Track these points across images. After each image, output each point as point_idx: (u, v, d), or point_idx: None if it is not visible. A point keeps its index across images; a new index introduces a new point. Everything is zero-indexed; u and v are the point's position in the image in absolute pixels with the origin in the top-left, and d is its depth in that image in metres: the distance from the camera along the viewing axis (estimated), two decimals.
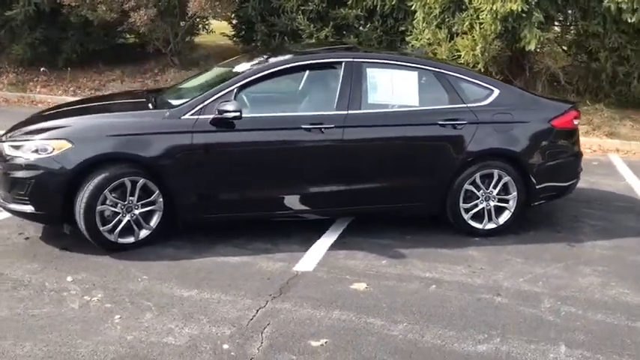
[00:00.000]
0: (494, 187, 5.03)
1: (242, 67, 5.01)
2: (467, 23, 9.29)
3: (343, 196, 4.83)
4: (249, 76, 4.67)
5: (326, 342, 3.42)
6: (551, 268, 4.55)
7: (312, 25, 10.70)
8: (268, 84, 4.75)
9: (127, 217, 4.50)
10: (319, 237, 4.94)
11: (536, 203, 5.23)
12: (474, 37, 9.15)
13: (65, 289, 3.96)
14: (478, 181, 4.99)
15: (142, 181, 4.47)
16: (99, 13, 10.72)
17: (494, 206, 5.07)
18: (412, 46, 9.99)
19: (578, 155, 5.36)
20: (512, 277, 4.37)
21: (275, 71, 4.75)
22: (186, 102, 4.61)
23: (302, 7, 10.70)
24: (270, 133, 4.62)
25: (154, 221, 4.59)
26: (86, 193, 4.33)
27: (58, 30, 11.94)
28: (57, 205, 4.42)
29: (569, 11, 9.11)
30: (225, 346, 3.35)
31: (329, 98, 4.78)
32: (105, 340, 3.38)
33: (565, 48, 9.87)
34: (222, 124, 4.50)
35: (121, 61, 12.76)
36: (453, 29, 9.51)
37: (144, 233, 4.58)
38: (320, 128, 4.65)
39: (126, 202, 4.47)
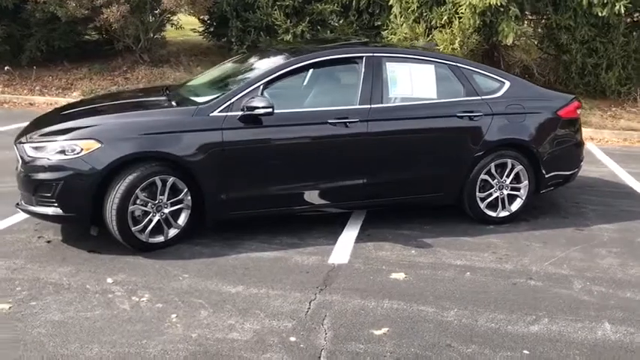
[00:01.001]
0: (507, 176, 5.22)
1: (260, 64, 5.03)
2: (445, 17, 9.50)
3: (366, 189, 4.92)
4: (274, 73, 4.69)
5: (387, 330, 3.51)
6: (569, 251, 4.77)
7: (288, 21, 10.71)
8: (291, 80, 4.77)
9: (157, 217, 4.46)
10: (342, 230, 5.02)
11: (544, 190, 5.46)
12: (452, 30, 9.38)
13: (109, 290, 3.91)
14: (493, 170, 5.17)
15: (171, 179, 4.44)
16: (68, 10, 10.40)
17: (507, 194, 5.26)
18: (389, 40, 10.14)
19: (581, 144, 5.62)
20: (538, 261, 4.56)
21: (299, 67, 4.78)
22: (214, 99, 4.59)
23: (278, 3, 10.69)
24: (298, 129, 4.66)
25: (182, 220, 4.57)
26: (118, 193, 4.27)
27: (21, 27, 11.51)
28: (86, 207, 4.34)
29: (542, 5, 9.43)
30: (292, 339, 3.40)
31: (351, 93, 4.86)
32: (170, 339, 3.37)
33: (536, 42, 10.21)
34: (252, 120, 4.51)
35: (87, 59, 12.42)
36: (432, 23, 9.70)
37: (173, 232, 4.55)
38: (345, 122, 4.72)
39: (156, 202, 4.43)
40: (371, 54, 4.96)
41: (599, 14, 8.95)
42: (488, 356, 3.30)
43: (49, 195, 4.32)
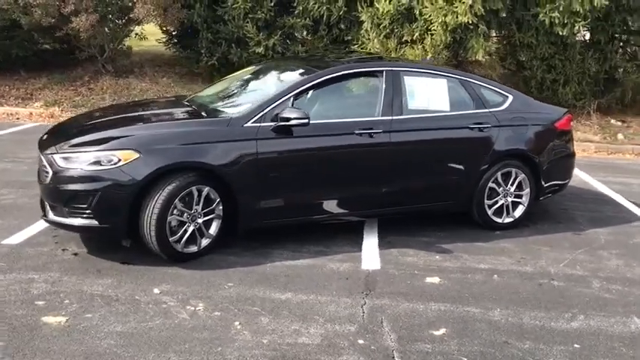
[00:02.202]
0: (512, 184, 5.55)
1: (284, 75, 5.14)
2: (417, 34, 9.88)
3: (386, 198, 5.12)
4: (304, 84, 4.83)
5: (446, 331, 3.70)
6: (576, 254, 5.13)
7: (260, 33, 10.81)
8: (318, 91, 4.91)
9: (192, 227, 4.49)
10: (362, 238, 5.18)
11: (542, 198, 5.82)
12: (424, 46, 9.77)
13: (160, 301, 3.91)
14: (499, 179, 5.48)
15: (206, 189, 4.48)
16: (33, 17, 10.10)
17: (511, 202, 5.58)
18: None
19: (573, 155, 6.03)
20: (553, 263, 4.88)
21: (327, 79, 4.93)
22: (245, 110, 4.67)
23: (250, 15, 10.77)
24: (328, 139, 4.80)
25: (214, 229, 4.61)
26: (157, 203, 4.27)
27: None
28: (123, 218, 4.31)
29: (506, 24, 9.97)
30: (361, 341, 3.53)
31: (373, 104, 5.05)
32: (243, 345, 3.43)
33: (498, 58, 10.76)
34: (285, 130, 4.62)
35: (45, 68, 12.06)
36: (402, 39, 10.06)
37: (205, 242, 4.58)
38: (370, 133, 4.90)
39: (192, 212, 4.46)
40: (390, 68, 5.17)
41: (560, 33, 9.55)
42: (545, 351, 3.54)
43: (84, 206, 4.27)
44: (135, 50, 13.13)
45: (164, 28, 12.35)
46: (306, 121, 4.54)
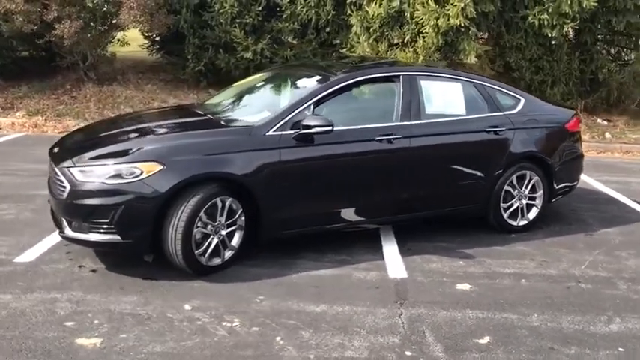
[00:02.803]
0: (526, 187, 5.56)
1: (300, 82, 5.05)
2: (408, 37, 9.89)
3: (407, 204, 5.07)
4: (323, 91, 4.74)
5: (490, 339, 3.66)
6: (594, 255, 5.15)
7: (249, 38, 10.68)
8: (337, 98, 4.83)
9: (216, 239, 4.37)
10: (380, 245, 5.12)
11: (553, 200, 5.85)
12: (415, 49, 9.78)
13: (193, 317, 3.78)
14: (514, 182, 5.48)
15: (229, 200, 4.37)
16: (15, 24, 9.81)
17: (526, 204, 5.59)
18: None
19: (582, 156, 6.07)
20: (575, 265, 4.90)
21: (345, 85, 4.86)
22: (266, 118, 4.57)
23: (237, 20, 10.64)
24: (350, 146, 4.73)
25: (236, 241, 4.50)
26: (183, 216, 4.14)
27: None
28: (147, 232, 4.17)
29: (496, 27, 10.05)
30: (408, 353, 3.46)
31: (392, 110, 4.99)
32: None
33: (487, 61, 10.82)
34: (307, 138, 4.53)
35: (24, 77, 11.73)
36: (394, 42, 10.05)
37: (228, 254, 4.48)
38: (390, 139, 4.85)
39: (216, 223, 4.34)
40: (407, 72, 5.13)
41: (549, 35, 9.66)
42: (592, 356, 3.53)
43: (105, 221, 4.12)
44: (120, 58, 12.86)
45: (146, 34, 12.13)
46: (330, 128, 4.46)
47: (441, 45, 9.64)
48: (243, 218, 4.49)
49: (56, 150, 4.63)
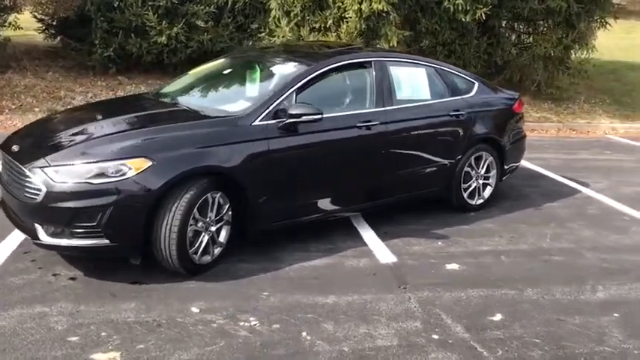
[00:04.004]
0: (482, 167, 5.81)
1: (276, 68, 4.92)
2: (330, 21, 9.90)
3: (383, 189, 5.12)
4: (303, 78, 4.64)
5: (501, 316, 3.81)
6: (552, 228, 5.50)
7: (163, 22, 10.19)
8: (316, 85, 4.75)
9: (207, 236, 4.18)
10: (355, 231, 5.13)
11: (503, 179, 6.16)
12: (338, 34, 9.81)
13: (206, 320, 3.60)
14: (473, 163, 5.71)
15: (218, 194, 4.19)
16: None
17: (482, 184, 5.85)
18: (273, 42, 10.24)
19: (525, 136, 6.43)
20: (540, 239, 5.21)
21: (323, 72, 4.78)
22: (250, 108, 4.40)
23: (149, 2, 10.10)
24: (335, 133, 4.68)
25: (224, 236, 4.33)
26: (177, 214, 3.91)
27: None
28: (138, 234, 3.90)
29: (412, 13, 10.30)
30: (435, 337, 3.52)
31: (366, 96, 5.00)
32: (329, 357, 3.27)
33: (405, 46, 11.08)
34: (295, 127, 4.43)
35: None
36: (316, 26, 10.02)
37: (217, 250, 4.30)
38: (369, 125, 4.86)
39: (207, 219, 4.15)
40: (378, 58, 5.15)
41: (463, 20, 10.08)
42: (596, 323, 3.78)
43: (92, 224, 3.79)
44: (13, 42, 11.76)
45: (39, 17, 11.21)
46: (320, 117, 4.39)
47: (363, 30, 9.72)
48: (230, 213, 4.31)
49: (16, 147, 4.17)
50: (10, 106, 9.55)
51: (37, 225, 3.90)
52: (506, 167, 6.05)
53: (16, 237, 4.59)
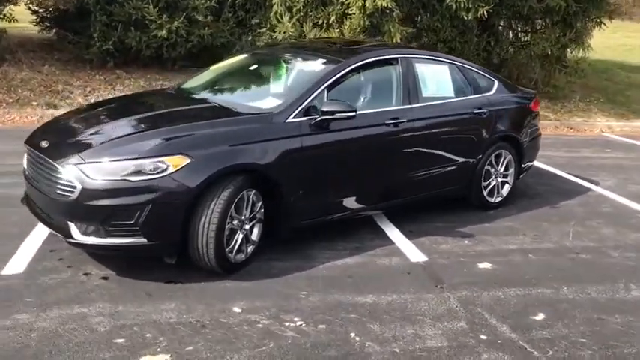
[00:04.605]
0: (501, 165, 5.81)
1: (304, 65, 4.89)
2: (333, 17, 9.84)
3: (406, 188, 5.10)
4: (333, 75, 4.58)
5: (543, 315, 3.81)
6: (572, 226, 5.53)
7: (164, 16, 10.04)
8: (346, 82, 4.70)
9: (241, 234, 4.12)
10: (380, 229, 5.10)
11: (520, 177, 6.18)
12: (342, 30, 9.77)
13: (251, 320, 3.54)
14: (493, 161, 5.71)
15: (253, 192, 4.13)
16: None
17: (500, 182, 5.86)
18: (275, 38, 10.16)
19: (541, 134, 6.45)
20: (563, 237, 5.23)
21: (352, 69, 4.73)
22: (283, 104, 4.34)
23: None
24: (365, 131, 4.64)
25: (256, 234, 4.28)
26: (215, 212, 3.84)
27: None
28: (176, 232, 3.82)
29: (414, 10, 10.30)
30: (484, 337, 3.51)
31: (395, 93, 4.97)
32: (380, 357, 3.24)
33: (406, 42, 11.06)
34: (327, 124, 4.38)
35: None
36: (319, 22, 9.96)
37: (250, 248, 4.24)
38: (396, 123, 4.83)
39: (242, 217, 4.08)
40: (404, 55, 5.11)
41: (465, 18, 10.09)
42: (635, 322, 3.79)
43: (129, 223, 3.70)
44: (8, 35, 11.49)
45: (33, 9, 10.99)
46: (354, 114, 4.34)
47: (367, 26, 9.68)
48: (262, 211, 4.25)
49: (45, 143, 4.05)
50: (7, 99, 9.34)
51: (70, 223, 3.80)
52: (523, 165, 6.07)
53: (40, 234, 4.50)
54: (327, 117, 4.32)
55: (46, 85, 10.07)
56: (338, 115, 4.31)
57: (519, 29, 12.01)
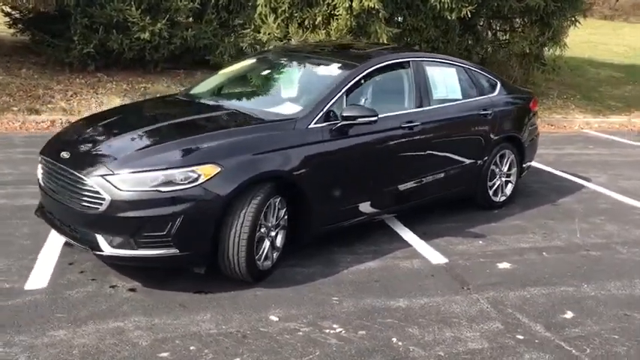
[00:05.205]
0: (505, 165, 5.92)
1: (318, 69, 4.88)
2: (319, 18, 9.85)
3: (420, 190, 5.14)
4: (351, 80, 4.59)
5: (572, 313, 3.89)
6: (577, 223, 5.66)
7: (147, 18, 9.88)
8: (363, 86, 4.72)
9: (267, 242, 4.10)
10: (393, 232, 5.13)
11: (522, 175, 6.29)
12: (328, 31, 9.78)
13: (290, 329, 3.53)
14: (498, 161, 5.81)
15: (279, 199, 4.11)
16: None
17: (504, 181, 5.96)
18: (259, 39, 10.11)
19: (539, 135, 6.58)
20: (571, 235, 5.35)
21: (368, 73, 4.74)
22: (305, 110, 4.33)
23: None
24: (383, 135, 4.66)
25: (280, 241, 4.26)
26: (246, 221, 3.81)
27: None
28: (208, 242, 3.78)
29: (399, 10, 10.37)
30: (521, 337, 3.57)
31: (408, 96, 5.00)
32: None
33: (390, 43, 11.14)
34: (348, 129, 4.39)
35: None
36: (304, 23, 9.96)
37: (275, 255, 4.22)
38: (411, 126, 4.87)
39: (269, 225, 4.07)
40: (415, 58, 5.15)
41: (448, 17, 10.22)
42: None
43: (161, 234, 3.65)
44: None
45: (5, 11, 10.71)
46: (375, 118, 4.36)
47: (353, 27, 9.72)
48: (285, 217, 4.24)
49: (66, 154, 3.95)
50: None
51: (98, 236, 3.73)
52: (524, 165, 6.18)
53: (54, 246, 4.40)
54: (349, 122, 4.32)
55: (25, 89, 9.81)
56: (360, 120, 4.32)
57: (498, 28, 12.20)
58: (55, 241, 4.48)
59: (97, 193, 3.66)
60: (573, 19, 11.89)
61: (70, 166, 3.84)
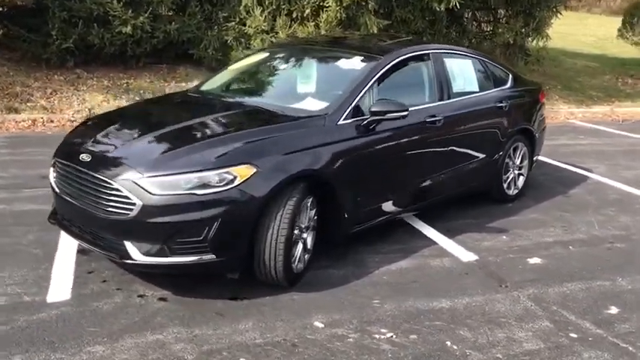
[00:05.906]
0: (518, 157, 5.86)
1: (341, 63, 4.72)
2: (308, 10, 9.65)
3: (441, 185, 5.03)
4: (376, 73, 4.44)
5: (616, 308, 3.84)
6: (593, 215, 5.64)
7: (129, 11, 9.52)
8: (386, 80, 4.56)
9: (300, 244, 3.93)
10: (416, 230, 5.00)
11: (532, 167, 6.24)
12: (317, 23, 9.59)
13: (338, 335, 3.38)
14: (511, 154, 5.74)
15: (310, 200, 3.95)
16: None
17: (517, 174, 5.90)
18: (245, 32, 9.88)
19: (546, 127, 6.54)
20: (590, 227, 5.32)
21: (392, 66, 4.59)
22: (333, 106, 4.16)
23: None
24: (409, 129, 4.51)
25: (311, 242, 4.10)
26: (283, 222, 3.64)
27: None
28: (244, 246, 3.60)
29: (386, 1, 10.24)
30: (574, 335, 3.49)
31: (428, 90, 4.88)
32: None
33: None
34: (377, 125, 4.24)
35: None
36: (292, 16, 9.75)
37: (307, 257, 4.06)
38: (434, 120, 4.75)
39: (302, 226, 3.90)
40: (434, 50, 5.03)
41: (437, 9, 10.14)
42: None
43: (197, 239, 3.44)
44: None
45: None
46: (406, 113, 4.22)
47: (343, 19, 9.55)
48: (316, 218, 4.08)
49: (86, 157, 3.69)
50: None
51: (127, 243, 3.49)
52: (534, 157, 6.13)
53: (67, 254, 4.17)
54: (378, 117, 4.17)
55: (1, 87, 9.36)
56: (389, 116, 4.17)
57: (483, 20, 12.19)
58: (67, 249, 4.23)
59: (126, 197, 3.43)
60: (555, 9, 11.94)
61: (93, 170, 3.59)
